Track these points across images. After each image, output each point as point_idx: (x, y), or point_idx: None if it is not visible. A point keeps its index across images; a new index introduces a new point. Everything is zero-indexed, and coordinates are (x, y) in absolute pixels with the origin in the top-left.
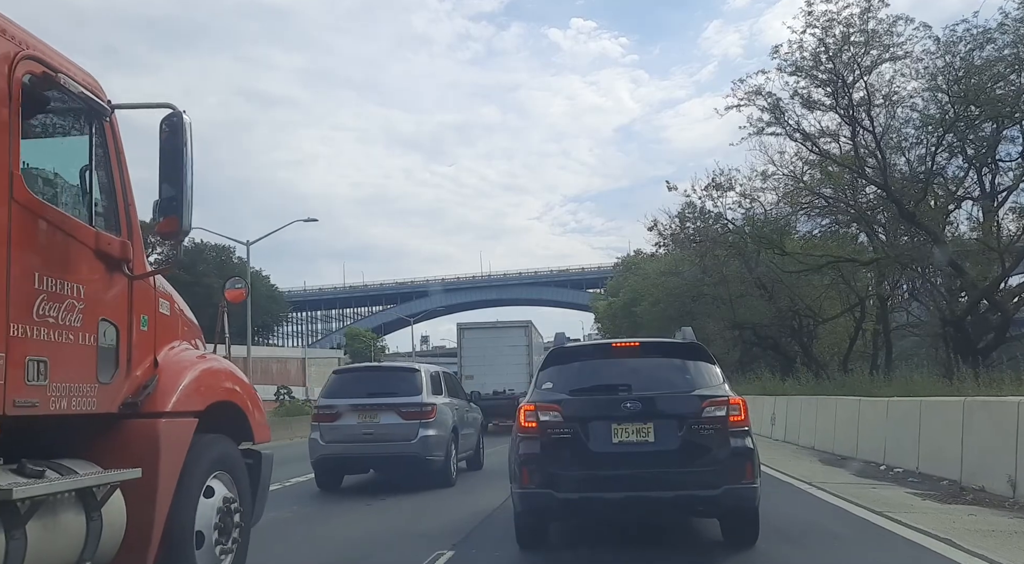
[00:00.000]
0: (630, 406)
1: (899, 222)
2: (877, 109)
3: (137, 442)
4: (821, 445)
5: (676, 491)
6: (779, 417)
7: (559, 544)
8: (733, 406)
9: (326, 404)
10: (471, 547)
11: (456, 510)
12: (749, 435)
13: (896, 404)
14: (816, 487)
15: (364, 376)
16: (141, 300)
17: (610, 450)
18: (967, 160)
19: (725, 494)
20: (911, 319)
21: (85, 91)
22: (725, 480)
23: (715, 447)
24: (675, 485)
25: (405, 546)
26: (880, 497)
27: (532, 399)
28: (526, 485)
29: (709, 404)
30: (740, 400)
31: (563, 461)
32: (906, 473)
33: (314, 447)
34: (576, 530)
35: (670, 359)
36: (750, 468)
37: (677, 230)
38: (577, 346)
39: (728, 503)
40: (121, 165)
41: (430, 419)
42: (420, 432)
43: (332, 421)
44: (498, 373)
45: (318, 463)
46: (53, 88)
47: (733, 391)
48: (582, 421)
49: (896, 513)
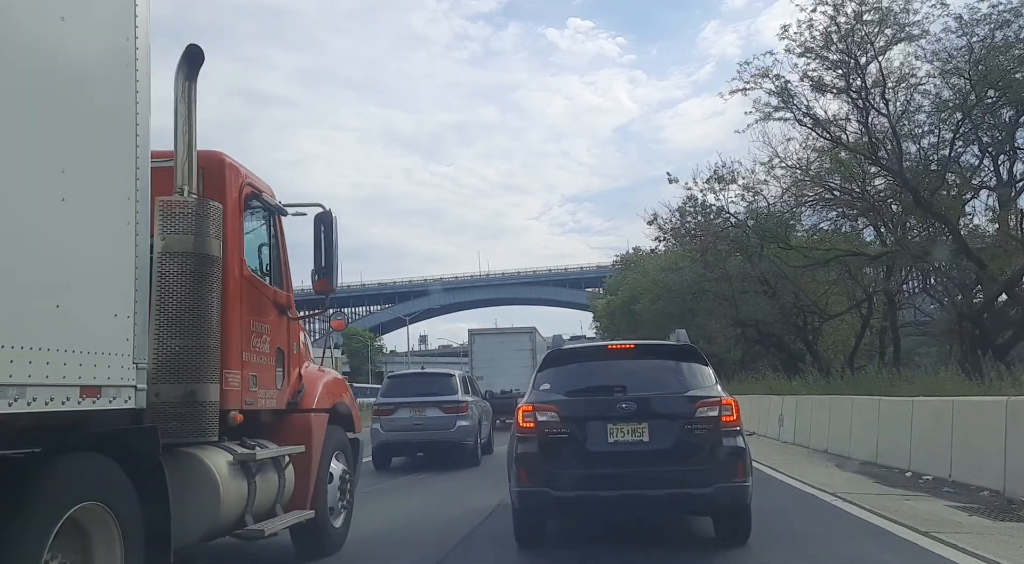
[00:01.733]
0: (625, 406)
1: (912, 213)
2: (892, 91)
3: (298, 429)
4: (835, 448)
5: (670, 489)
6: (787, 418)
7: (559, 542)
8: (725, 406)
9: (385, 402)
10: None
11: (485, 482)
12: (741, 434)
13: (923, 405)
14: (842, 499)
15: (413, 380)
16: (294, 334)
17: (606, 449)
18: (982, 148)
19: (718, 492)
20: (918, 316)
21: (271, 200)
22: (718, 478)
23: (708, 446)
24: (669, 483)
25: (461, 505)
26: (919, 512)
27: (530, 400)
28: (524, 484)
29: (702, 405)
30: (732, 400)
31: (560, 460)
32: (937, 481)
33: (375, 435)
34: (575, 529)
35: (664, 361)
36: (742, 466)
37: (677, 224)
38: (574, 348)
39: (721, 501)
40: (284, 245)
41: (464, 413)
42: (457, 423)
43: (390, 415)
44: (506, 374)
45: (378, 448)
46: (257, 200)
47: (726, 392)
48: (579, 421)
49: (947, 534)
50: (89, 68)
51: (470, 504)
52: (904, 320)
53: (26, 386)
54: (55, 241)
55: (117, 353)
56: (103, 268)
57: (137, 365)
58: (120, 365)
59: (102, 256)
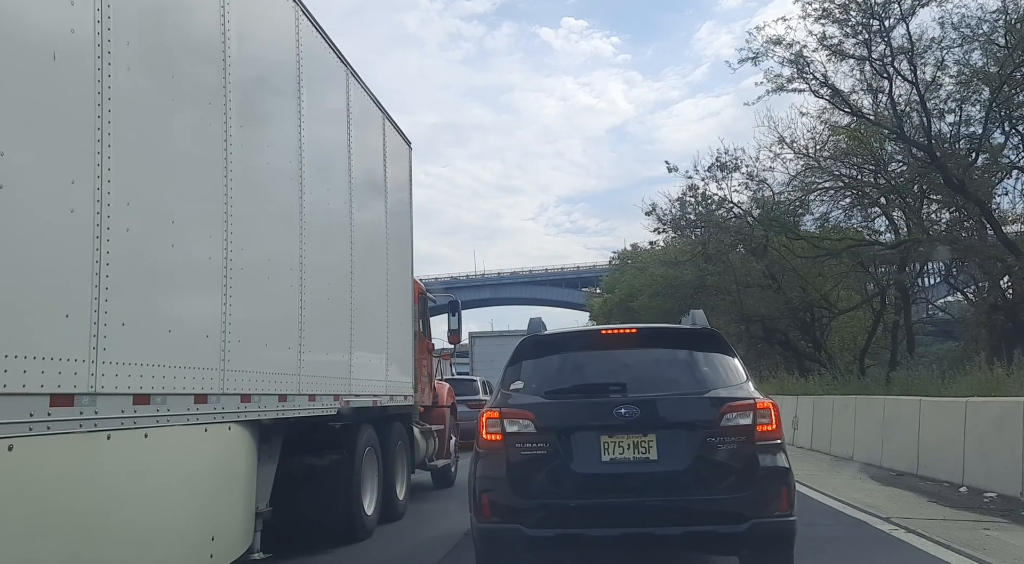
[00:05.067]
0: (625, 412)
1: (941, 192)
2: (920, 56)
3: (437, 416)
4: (864, 455)
5: (688, 526)
6: (803, 420)
7: None
8: (761, 411)
9: None
10: None
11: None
12: (782, 450)
13: (980, 407)
14: (902, 528)
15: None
16: (431, 361)
17: (599, 471)
18: (1012, 124)
19: (754, 531)
20: (932, 311)
21: (427, 293)
22: (753, 511)
23: (739, 467)
24: (686, 518)
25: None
26: (1013, 549)
27: (497, 403)
28: (487, 518)
29: (729, 409)
30: (770, 404)
31: (536, 486)
32: (1007, 501)
33: None
34: None
35: (677, 351)
36: (785, 494)
37: (678, 215)
38: (556, 334)
39: (757, 542)
40: (428, 314)
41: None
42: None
43: None
44: None
45: None
46: (423, 297)
47: (760, 392)
48: (562, 432)
49: None
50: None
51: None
52: (916, 316)
53: (379, 395)
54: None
55: (409, 383)
56: (408, 341)
57: (412, 387)
58: (409, 386)
59: (407, 340)
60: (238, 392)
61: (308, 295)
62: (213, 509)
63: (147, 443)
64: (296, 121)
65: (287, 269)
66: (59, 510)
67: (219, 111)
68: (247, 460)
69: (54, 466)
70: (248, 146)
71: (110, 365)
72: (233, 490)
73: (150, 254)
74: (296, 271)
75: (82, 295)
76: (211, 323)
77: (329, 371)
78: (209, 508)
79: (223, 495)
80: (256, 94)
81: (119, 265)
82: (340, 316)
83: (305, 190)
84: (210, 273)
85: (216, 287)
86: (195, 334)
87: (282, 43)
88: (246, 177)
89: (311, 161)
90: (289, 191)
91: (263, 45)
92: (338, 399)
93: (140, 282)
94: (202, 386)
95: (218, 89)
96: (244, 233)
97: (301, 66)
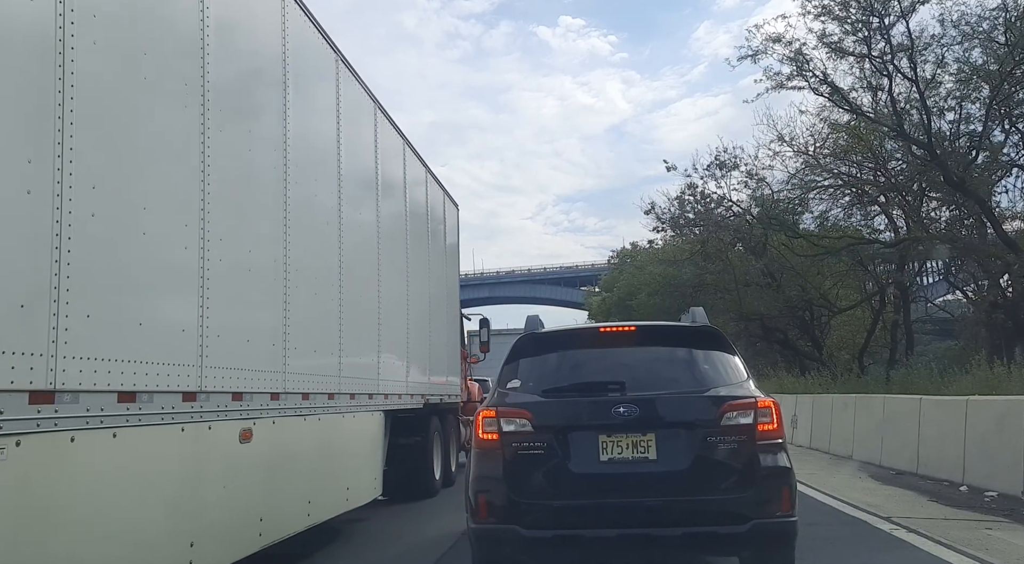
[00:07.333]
0: (624, 411)
1: (940, 190)
2: (920, 53)
3: (470, 411)
4: (863, 454)
5: (687, 527)
6: (802, 419)
7: None
8: (762, 410)
9: None
10: None
11: None
12: (784, 450)
13: (981, 405)
14: (903, 527)
15: None
16: (464, 364)
17: (597, 471)
18: (1012, 122)
19: (755, 531)
20: (930, 310)
21: (464, 315)
22: (755, 512)
23: (740, 466)
24: (686, 519)
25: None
26: (1014, 549)
27: (493, 402)
28: (483, 519)
29: (730, 408)
30: (771, 402)
31: (533, 486)
32: (1008, 500)
33: None
34: None
35: (676, 349)
36: (787, 494)
37: (676, 213)
38: (553, 332)
39: (758, 543)
40: (464, 329)
41: None
42: None
43: None
44: None
45: None
46: (461, 315)
47: (761, 391)
48: (560, 432)
49: None
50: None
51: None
52: (915, 315)
53: (427, 395)
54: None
55: (458, 384)
56: (457, 352)
57: (460, 387)
58: (458, 387)
59: (456, 352)
60: (383, 392)
61: (413, 329)
62: (363, 467)
63: (320, 424)
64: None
65: (402, 314)
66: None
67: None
68: (381, 437)
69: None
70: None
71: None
72: (374, 455)
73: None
74: (404, 314)
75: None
76: (371, 346)
77: (418, 377)
78: (363, 467)
79: (366, 459)
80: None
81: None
82: (426, 341)
83: (409, 247)
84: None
85: (372, 315)
86: (364, 352)
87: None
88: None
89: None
90: (397, 248)
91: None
92: (423, 398)
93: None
94: (366, 387)
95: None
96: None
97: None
